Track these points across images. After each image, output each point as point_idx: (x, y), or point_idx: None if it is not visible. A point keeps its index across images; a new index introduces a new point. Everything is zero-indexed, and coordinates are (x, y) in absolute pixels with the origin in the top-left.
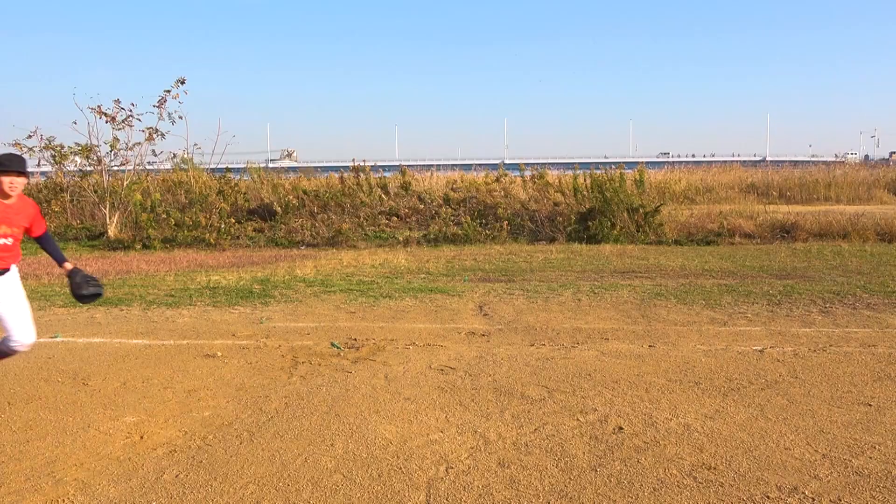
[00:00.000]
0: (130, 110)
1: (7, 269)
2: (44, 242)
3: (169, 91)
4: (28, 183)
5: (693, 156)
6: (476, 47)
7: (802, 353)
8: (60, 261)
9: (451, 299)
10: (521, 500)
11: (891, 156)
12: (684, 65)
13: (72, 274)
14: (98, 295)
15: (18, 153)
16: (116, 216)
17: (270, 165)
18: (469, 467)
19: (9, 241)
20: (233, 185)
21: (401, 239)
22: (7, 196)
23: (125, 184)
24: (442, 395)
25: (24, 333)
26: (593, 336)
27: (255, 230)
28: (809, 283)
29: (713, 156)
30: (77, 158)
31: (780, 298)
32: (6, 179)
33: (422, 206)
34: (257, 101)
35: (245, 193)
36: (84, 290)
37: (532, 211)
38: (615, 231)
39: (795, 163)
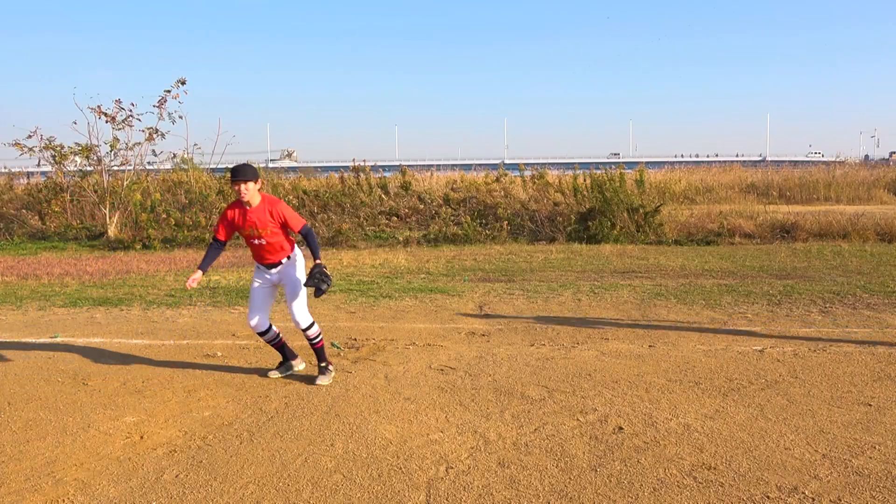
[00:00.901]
0: (130, 110)
1: (278, 263)
2: (304, 238)
3: (169, 91)
4: (260, 185)
5: (697, 155)
6: (476, 47)
7: (802, 353)
8: (314, 256)
9: (451, 299)
10: (521, 500)
11: (891, 156)
12: (684, 65)
13: (312, 269)
14: (321, 290)
15: (245, 163)
16: (116, 216)
17: (270, 165)
18: (469, 467)
19: (262, 241)
20: None
21: (401, 239)
22: (246, 203)
23: (125, 184)
24: (442, 395)
25: (297, 316)
26: (593, 336)
27: None
28: (809, 283)
29: (717, 156)
30: (77, 158)
31: (780, 298)
32: (236, 188)
33: (422, 206)
34: (257, 101)
35: None
36: (310, 283)
37: (532, 211)
38: (615, 231)
39: (795, 163)
